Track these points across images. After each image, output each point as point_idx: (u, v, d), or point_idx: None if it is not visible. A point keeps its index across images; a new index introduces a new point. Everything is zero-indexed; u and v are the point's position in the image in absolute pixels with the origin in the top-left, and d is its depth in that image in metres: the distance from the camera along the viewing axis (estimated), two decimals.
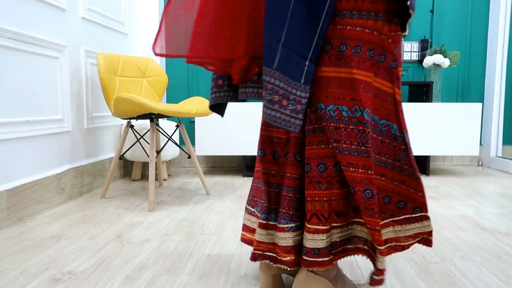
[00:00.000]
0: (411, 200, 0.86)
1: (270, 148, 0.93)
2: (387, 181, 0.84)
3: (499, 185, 2.33)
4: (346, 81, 0.78)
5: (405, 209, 0.86)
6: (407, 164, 0.84)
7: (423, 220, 0.86)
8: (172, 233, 1.46)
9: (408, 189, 0.85)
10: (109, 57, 2.05)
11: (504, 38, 2.89)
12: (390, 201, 0.85)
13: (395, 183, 0.85)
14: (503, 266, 1.16)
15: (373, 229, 0.79)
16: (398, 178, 0.85)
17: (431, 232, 0.87)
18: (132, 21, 2.70)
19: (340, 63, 0.78)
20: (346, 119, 0.78)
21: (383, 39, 0.79)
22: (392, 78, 0.82)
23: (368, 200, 0.78)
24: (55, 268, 1.14)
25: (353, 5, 0.76)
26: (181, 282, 1.05)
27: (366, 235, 0.86)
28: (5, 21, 1.54)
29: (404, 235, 0.87)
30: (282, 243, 0.87)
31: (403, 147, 0.83)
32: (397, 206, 0.86)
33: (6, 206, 1.53)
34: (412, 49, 2.96)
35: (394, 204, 0.85)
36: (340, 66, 0.78)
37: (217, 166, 3.04)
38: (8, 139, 1.56)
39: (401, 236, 0.87)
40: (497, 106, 2.94)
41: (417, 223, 0.87)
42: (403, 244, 0.88)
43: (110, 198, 2.00)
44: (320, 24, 0.76)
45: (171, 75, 2.99)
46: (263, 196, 0.94)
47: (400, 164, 0.84)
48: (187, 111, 1.78)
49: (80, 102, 2.07)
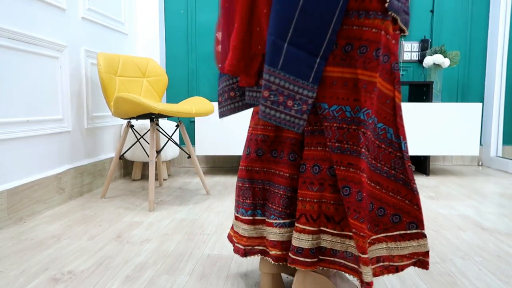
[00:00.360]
0: (406, 213, 0.82)
1: (254, 146, 0.94)
2: (382, 191, 0.82)
3: (499, 185, 2.33)
4: (350, 81, 0.77)
5: (400, 223, 0.83)
6: (402, 173, 0.81)
7: (419, 238, 0.83)
8: (172, 233, 1.46)
9: (403, 200, 0.82)
10: (109, 57, 2.05)
11: (504, 38, 2.89)
12: (385, 213, 0.82)
13: (390, 193, 0.82)
14: (503, 266, 1.16)
15: (358, 234, 0.75)
16: (393, 188, 0.82)
17: (427, 252, 0.83)
18: (132, 21, 2.70)
19: (345, 63, 0.77)
20: (349, 120, 0.78)
21: (388, 39, 0.78)
22: (393, 80, 0.80)
23: (358, 202, 0.76)
24: (55, 268, 1.14)
25: (360, 5, 0.75)
26: (181, 282, 1.05)
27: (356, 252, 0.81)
28: (5, 21, 1.54)
29: (398, 253, 0.83)
30: (270, 238, 0.89)
31: (399, 154, 0.81)
32: (392, 220, 0.82)
33: (6, 206, 1.53)
34: (412, 49, 2.96)
35: (389, 217, 0.82)
36: (344, 67, 0.77)
37: (217, 166, 3.04)
38: (8, 139, 1.56)
39: (395, 255, 0.83)
40: (497, 106, 2.94)
41: (412, 241, 0.83)
42: (396, 264, 0.83)
43: (110, 198, 2.00)
44: (334, 19, 0.73)
45: (171, 75, 2.99)
46: (247, 194, 0.94)
47: (396, 173, 0.82)
48: (187, 111, 1.78)
49: (80, 102, 2.07)
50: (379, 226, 0.82)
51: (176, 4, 2.94)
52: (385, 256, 0.83)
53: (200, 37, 2.96)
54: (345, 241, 0.83)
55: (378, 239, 0.82)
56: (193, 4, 2.93)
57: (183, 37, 2.96)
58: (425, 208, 1.80)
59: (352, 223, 0.77)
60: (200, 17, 2.94)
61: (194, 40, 2.96)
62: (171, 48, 2.97)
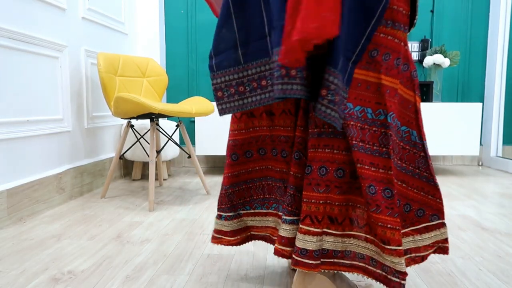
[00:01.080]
0: (429, 207, 0.88)
1: (241, 151, 0.96)
2: (408, 188, 0.87)
3: (499, 185, 2.33)
4: (373, 85, 0.80)
5: (424, 217, 0.89)
6: (426, 171, 0.87)
7: (440, 227, 0.89)
8: (172, 233, 1.46)
9: (426, 196, 0.88)
10: (109, 57, 2.05)
11: (504, 38, 2.89)
12: (410, 209, 0.87)
13: (415, 190, 0.87)
14: (503, 266, 1.16)
15: (394, 228, 0.79)
16: (418, 185, 0.87)
17: (446, 239, 0.90)
18: (132, 21, 2.70)
19: (370, 67, 0.80)
20: (370, 121, 0.80)
21: (406, 50, 0.84)
22: (414, 87, 0.86)
23: (388, 199, 0.79)
24: (55, 268, 1.14)
25: (389, 15, 0.79)
26: (181, 282, 1.05)
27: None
28: (5, 20, 1.54)
29: (423, 244, 0.89)
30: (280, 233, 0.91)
31: (422, 154, 0.86)
32: (417, 214, 0.88)
33: (6, 205, 1.53)
34: (412, 49, 2.96)
35: (414, 212, 0.88)
36: (369, 70, 0.80)
37: (218, 166, 3.04)
38: (8, 139, 1.56)
39: (421, 246, 0.89)
40: (497, 106, 2.94)
41: (434, 230, 0.89)
42: (422, 254, 0.89)
43: (110, 198, 2.00)
44: (370, 27, 0.78)
45: (171, 75, 2.99)
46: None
47: (420, 171, 0.87)
48: (187, 110, 1.78)
49: (80, 101, 2.07)
50: (406, 221, 0.87)
51: (176, 4, 2.94)
52: (412, 248, 0.88)
53: (200, 37, 2.96)
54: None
55: (406, 233, 0.87)
56: (193, 4, 2.93)
57: (183, 37, 2.96)
58: None
59: (385, 219, 0.79)
60: (200, 17, 2.94)
61: (194, 40, 2.96)
62: (171, 48, 2.97)
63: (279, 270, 1.13)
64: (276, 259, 1.21)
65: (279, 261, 1.19)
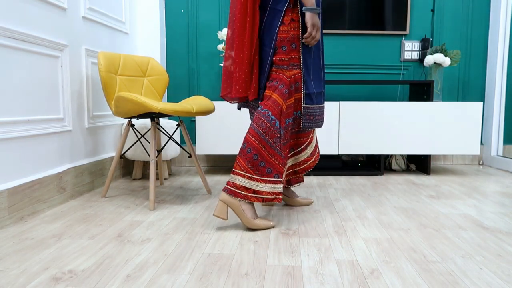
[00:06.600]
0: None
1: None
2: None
3: (500, 184, 2.33)
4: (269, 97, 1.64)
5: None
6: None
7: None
8: (173, 232, 1.46)
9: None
10: (110, 56, 2.05)
11: (504, 37, 2.88)
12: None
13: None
14: (504, 265, 1.16)
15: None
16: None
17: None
18: (133, 20, 2.70)
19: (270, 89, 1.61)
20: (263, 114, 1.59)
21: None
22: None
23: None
24: (56, 267, 1.14)
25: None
26: (181, 281, 1.05)
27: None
28: (6, 20, 1.54)
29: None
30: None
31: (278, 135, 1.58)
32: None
33: (7, 205, 1.53)
34: (413, 48, 2.96)
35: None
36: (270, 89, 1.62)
37: (218, 165, 3.04)
38: (9, 138, 1.56)
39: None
40: (498, 105, 2.94)
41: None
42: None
43: (111, 197, 2.01)
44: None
45: (172, 74, 2.99)
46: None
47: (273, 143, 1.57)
48: (188, 110, 1.78)
49: (81, 101, 2.07)
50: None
51: (176, 4, 2.94)
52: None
53: (201, 36, 2.96)
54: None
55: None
56: (193, 3, 2.93)
57: (183, 36, 2.96)
58: (426, 208, 1.80)
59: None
60: (200, 17, 2.94)
61: (194, 39, 2.96)
62: (172, 47, 2.97)
63: (280, 269, 1.13)
64: (276, 259, 1.21)
65: (280, 261, 1.19)
